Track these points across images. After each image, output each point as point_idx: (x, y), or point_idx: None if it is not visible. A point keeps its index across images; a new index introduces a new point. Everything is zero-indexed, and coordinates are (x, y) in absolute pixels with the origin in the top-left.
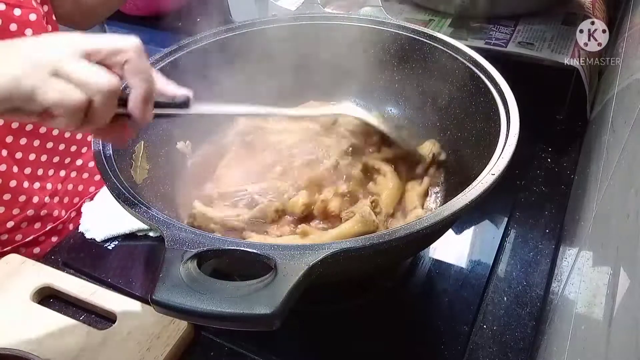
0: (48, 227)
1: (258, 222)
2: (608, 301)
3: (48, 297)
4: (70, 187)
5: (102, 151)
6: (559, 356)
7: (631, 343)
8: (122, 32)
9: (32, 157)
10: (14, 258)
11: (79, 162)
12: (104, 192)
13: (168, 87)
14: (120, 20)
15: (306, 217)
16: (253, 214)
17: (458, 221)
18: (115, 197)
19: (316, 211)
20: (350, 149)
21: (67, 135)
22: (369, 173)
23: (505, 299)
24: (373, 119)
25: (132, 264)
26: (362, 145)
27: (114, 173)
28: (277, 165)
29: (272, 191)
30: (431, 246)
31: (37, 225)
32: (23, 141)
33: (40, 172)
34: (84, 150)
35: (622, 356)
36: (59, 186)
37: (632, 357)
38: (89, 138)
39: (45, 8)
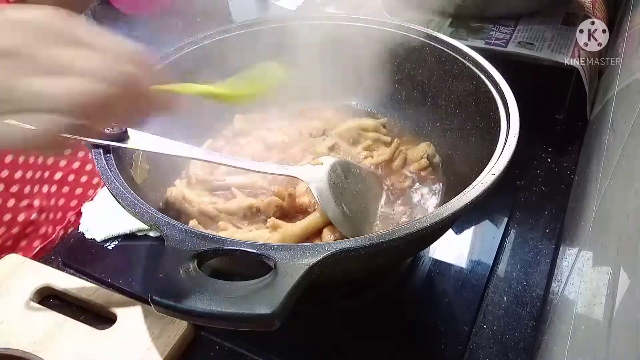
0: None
1: (232, 216)
2: (608, 301)
3: (48, 297)
4: (52, 202)
5: (101, 152)
6: (559, 356)
7: (631, 343)
8: (121, 32)
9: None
10: (14, 258)
11: (57, 175)
12: (104, 192)
13: None
14: (120, 21)
15: (280, 217)
16: (227, 207)
17: (458, 221)
18: (115, 197)
19: (287, 206)
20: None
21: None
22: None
23: (505, 299)
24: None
25: (132, 264)
26: (352, 150)
27: (114, 173)
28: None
29: (250, 187)
30: (431, 246)
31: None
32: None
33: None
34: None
35: (622, 356)
36: (44, 203)
37: (632, 357)
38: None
39: None
